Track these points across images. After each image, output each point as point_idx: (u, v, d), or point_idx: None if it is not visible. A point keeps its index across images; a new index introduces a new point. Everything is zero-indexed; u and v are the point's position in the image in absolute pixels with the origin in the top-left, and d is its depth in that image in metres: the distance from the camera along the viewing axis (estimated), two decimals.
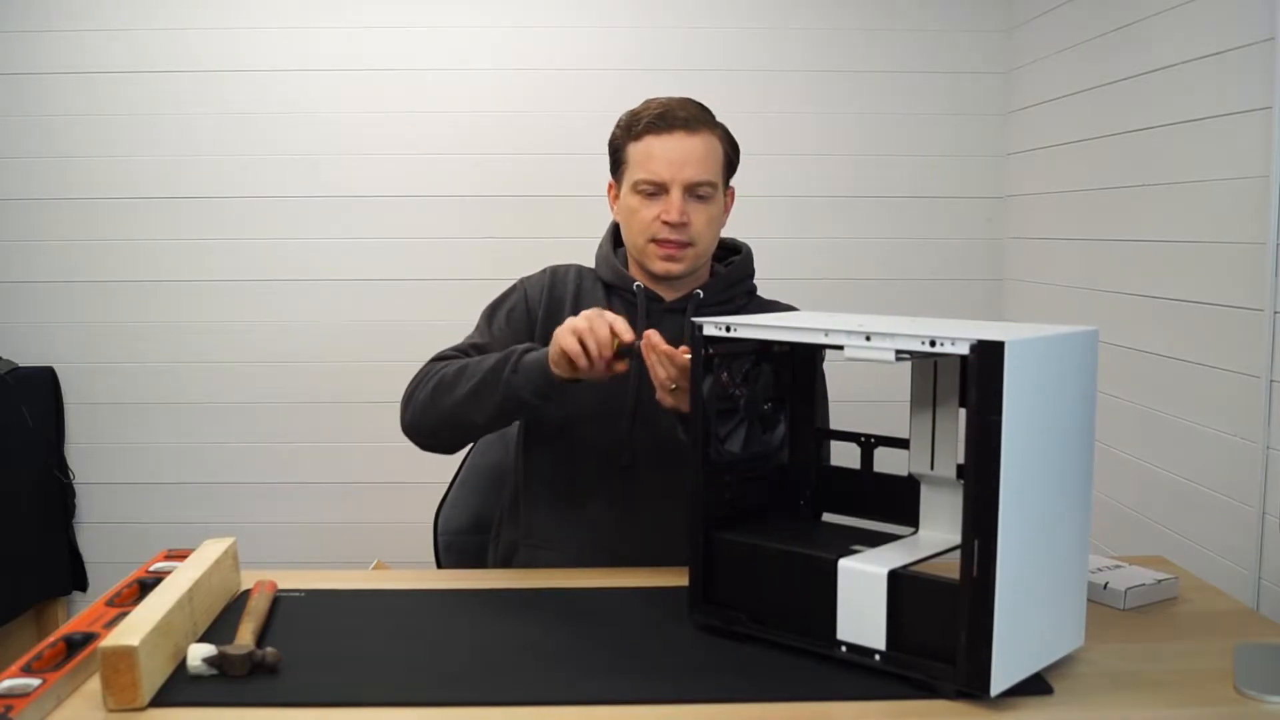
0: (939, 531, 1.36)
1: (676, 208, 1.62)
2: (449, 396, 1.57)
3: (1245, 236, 2.00)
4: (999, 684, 1.12)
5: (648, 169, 1.64)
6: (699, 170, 1.64)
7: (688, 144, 1.64)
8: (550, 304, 1.73)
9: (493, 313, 1.75)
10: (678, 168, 1.63)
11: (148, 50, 3.04)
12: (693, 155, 1.64)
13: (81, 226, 3.09)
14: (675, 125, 1.64)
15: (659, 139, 1.64)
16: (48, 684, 1.14)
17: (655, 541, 1.63)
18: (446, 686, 1.21)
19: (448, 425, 1.61)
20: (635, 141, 1.66)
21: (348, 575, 1.59)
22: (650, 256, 1.67)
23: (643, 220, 1.65)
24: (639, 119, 1.66)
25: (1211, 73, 2.11)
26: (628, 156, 1.68)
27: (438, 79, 3.07)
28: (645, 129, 1.64)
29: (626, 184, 1.68)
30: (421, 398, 1.61)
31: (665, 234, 1.64)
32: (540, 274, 1.78)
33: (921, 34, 3.11)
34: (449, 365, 1.62)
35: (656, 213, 1.64)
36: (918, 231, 3.17)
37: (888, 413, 1.83)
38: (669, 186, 1.63)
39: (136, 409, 3.15)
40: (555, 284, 1.75)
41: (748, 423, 1.39)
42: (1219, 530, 2.07)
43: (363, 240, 3.11)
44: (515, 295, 1.75)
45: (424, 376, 1.64)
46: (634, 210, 1.67)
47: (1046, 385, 1.15)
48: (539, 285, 1.76)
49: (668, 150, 1.63)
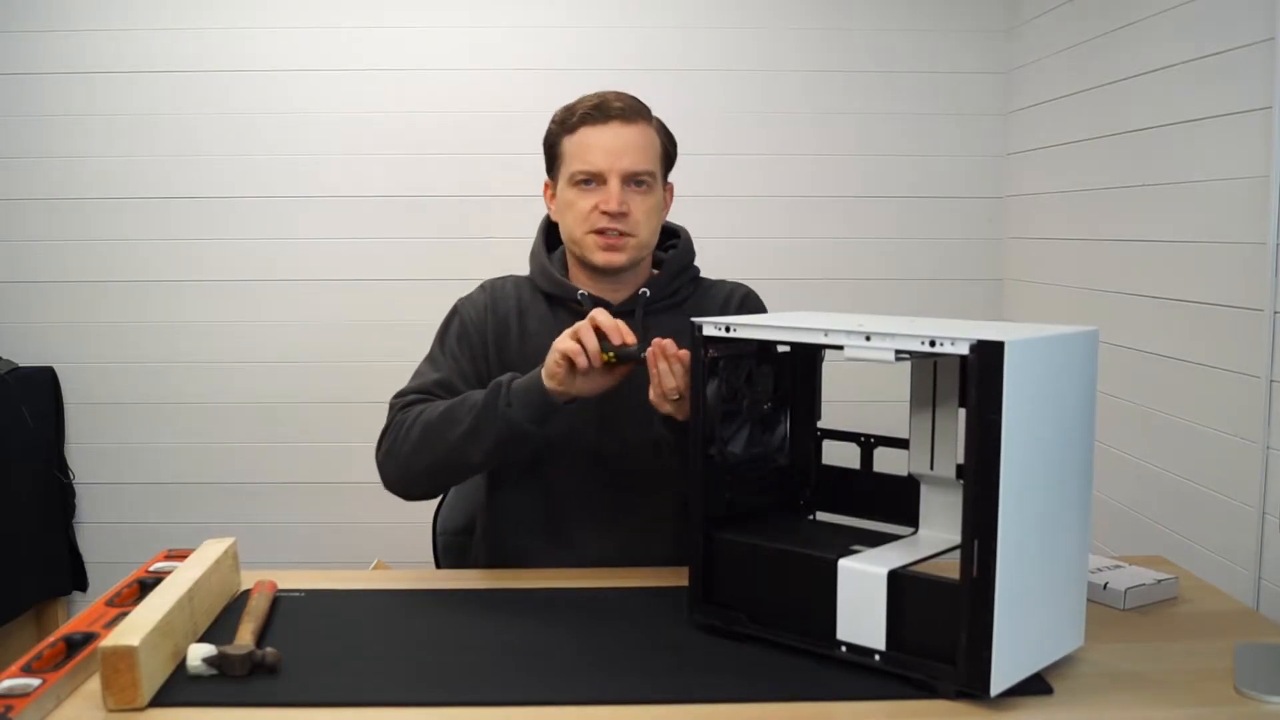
0: (939, 531, 1.36)
1: (615, 197, 1.59)
2: (440, 441, 1.52)
3: (1245, 236, 2.00)
4: (999, 684, 1.12)
5: (584, 160, 1.61)
6: (636, 159, 1.61)
7: (624, 134, 1.61)
8: (496, 324, 1.68)
9: (441, 343, 1.70)
10: (615, 157, 1.60)
11: (147, 51, 3.04)
12: (630, 145, 1.61)
13: (81, 227, 3.09)
14: (611, 115, 1.61)
15: (595, 130, 1.61)
16: (48, 684, 1.14)
17: (637, 547, 1.62)
18: (446, 686, 1.21)
19: (442, 470, 1.57)
20: (570, 135, 1.63)
21: (348, 575, 1.59)
22: (590, 248, 1.62)
23: (580, 212, 1.62)
24: (573, 112, 1.64)
25: (1211, 73, 2.11)
26: (563, 150, 1.64)
27: (437, 79, 3.07)
28: (580, 121, 1.62)
29: (563, 178, 1.64)
30: (406, 449, 1.55)
31: (605, 224, 1.60)
32: (477, 292, 1.74)
33: (921, 34, 3.11)
34: (426, 410, 1.56)
35: (594, 203, 1.60)
36: (918, 231, 3.17)
37: (888, 413, 1.83)
38: (606, 176, 1.60)
39: (136, 409, 3.15)
40: (496, 302, 1.70)
41: (749, 424, 1.39)
42: (1219, 530, 2.07)
43: (363, 240, 3.11)
44: (456, 320, 1.71)
45: (399, 426, 1.57)
46: (571, 203, 1.63)
47: (1046, 385, 1.15)
48: (479, 305, 1.71)
49: (604, 140, 1.60)
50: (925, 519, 1.38)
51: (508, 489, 1.70)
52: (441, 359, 1.67)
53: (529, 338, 1.67)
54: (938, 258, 3.18)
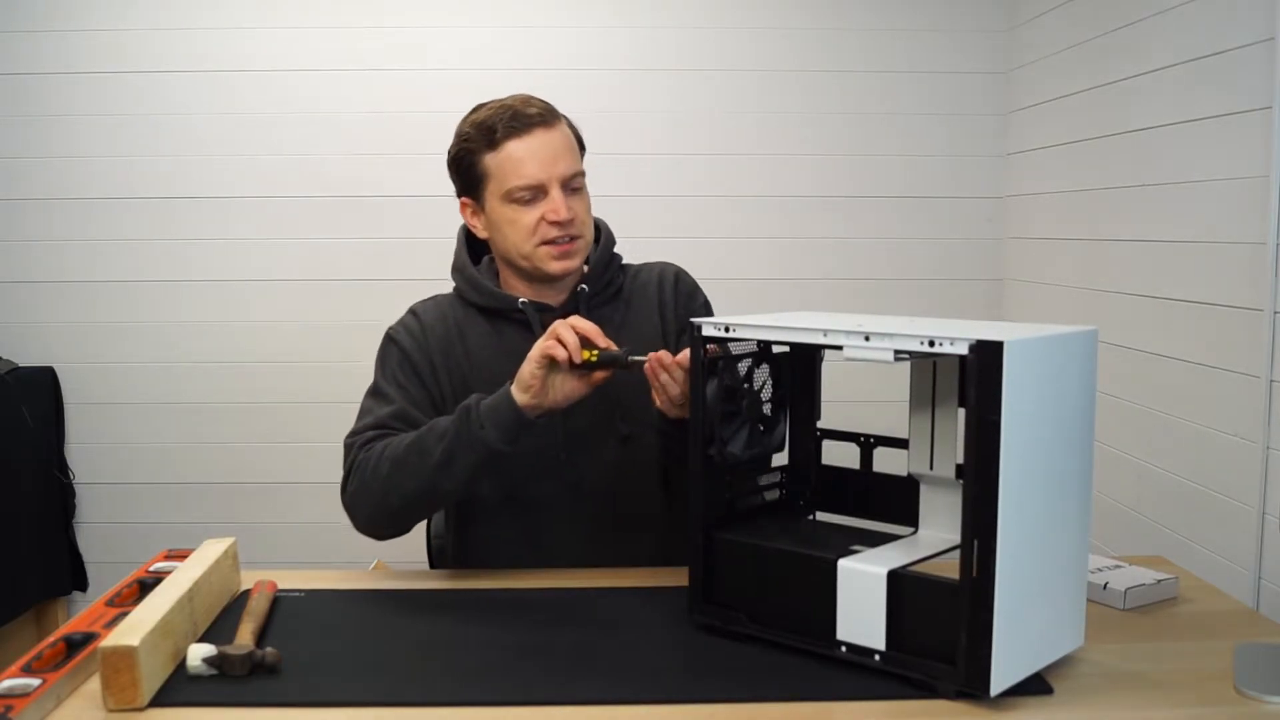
0: (938, 531, 1.36)
1: (562, 205, 1.56)
2: (412, 475, 1.48)
3: (1245, 236, 2.00)
4: (999, 684, 1.12)
5: (520, 174, 1.56)
6: (569, 162, 1.59)
7: (549, 138, 1.58)
8: (437, 344, 1.64)
9: (384, 376, 1.64)
10: (549, 165, 1.57)
11: (147, 51, 3.04)
12: (558, 149, 1.58)
13: (81, 227, 3.09)
14: (532, 123, 1.57)
15: (520, 141, 1.57)
16: (48, 684, 1.14)
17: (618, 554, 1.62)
18: (446, 686, 1.21)
19: (417, 505, 1.54)
20: (494, 150, 1.58)
21: (348, 575, 1.59)
22: (544, 259, 1.59)
23: (526, 227, 1.58)
24: (490, 127, 1.58)
25: (1211, 73, 2.11)
26: (488, 168, 1.59)
27: (437, 79, 3.07)
28: (504, 135, 1.57)
29: (495, 197, 1.59)
30: (376, 486, 1.51)
31: (554, 234, 1.58)
32: (408, 318, 1.69)
33: (921, 34, 3.12)
34: (390, 445, 1.52)
35: (539, 215, 1.57)
36: (918, 231, 3.17)
37: (887, 413, 1.83)
38: (547, 186, 1.57)
39: (136, 409, 3.15)
40: (431, 324, 1.66)
41: (748, 424, 1.39)
42: (1219, 530, 2.07)
43: (363, 240, 3.11)
44: (395, 349, 1.65)
45: (364, 466, 1.53)
46: (512, 220, 1.59)
47: (1046, 385, 1.15)
48: (415, 329, 1.66)
49: (533, 150, 1.57)
50: (925, 519, 1.38)
51: (480, 522, 1.68)
52: (390, 390, 1.62)
53: (473, 355, 1.64)
54: (938, 258, 3.18)
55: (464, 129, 1.63)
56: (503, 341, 1.64)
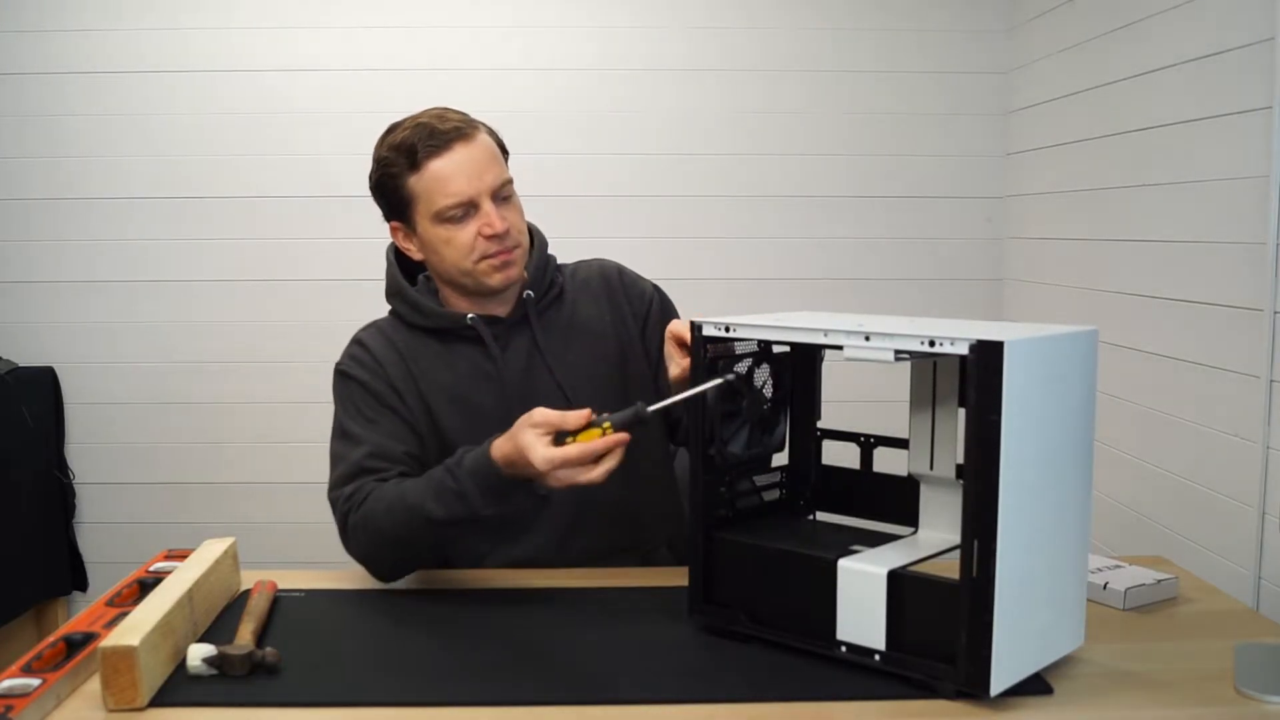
0: (938, 531, 1.36)
1: (496, 218, 1.54)
2: (420, 549, 1.49)
3: (1245, 236, 2.00)
4: (999, 684, 1.12)
5: (447, 193, 1.53)
6: (496, 173, 1.56)
7: (471, 151, 1.54)
8: (392, 369, 1.59)
9: (350, 414, 1.58)
10: (477, 178, 1.54)
11: (147, 51, 3.04)
12: (481, 160, 1.55)
13: (81, 227, 3.09)
14: (450, 139, 1.54)
15: (442, 159, 1.53)
16: (48, 684, 1.14)
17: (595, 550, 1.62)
18: (446, 686, 1.21)
19: (429, 559, 1.56)
20: (416, 172, 1.54)
21: (348, 575, 1.59)
22: (485, 274, 1.57)
23: (463, 245, 1.55)
24: (409, 147, 1.54)
25: (1211, 73, 2.11)
26: (413, 190, 1.55)
27: (437, 79, 3.07)
28: (424, 155, 1.53)
29: (425, 218, 1.56)
30: (387, 558, 1.50)
31: (493, 248, 1.55)
32: (355, 349, 1.64)
33: (921, 34, 3.12)
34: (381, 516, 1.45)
35: (474, 231, 1.54)
36: (918, 231, 3.17)
37: (887, 413, 1.83)
38: (477, 200, 1.54)
39: (136, 409, 3.15)
40: (380, 350, 1.61)
41: (748, 424, 1.39)
42: (1219, 530, 2.07)
43: (362, 240, 3.10)
44: (353, 385, 1.60)
45: (361, 533, 1.48)
46: (448, 240, 1.55)
47: (1046, 385, 1.15)
48: (365, 360, 1.61)
49: (457, 166, 1.53)
50: (925, 519, 1.38)
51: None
52: (358, 430, 1.56)
53: (427, 377, 1.60)
54: (938, 258, 3.18)
55: (382, 153, 1.58)
56: (456, 360, 1.62)
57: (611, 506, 1.63)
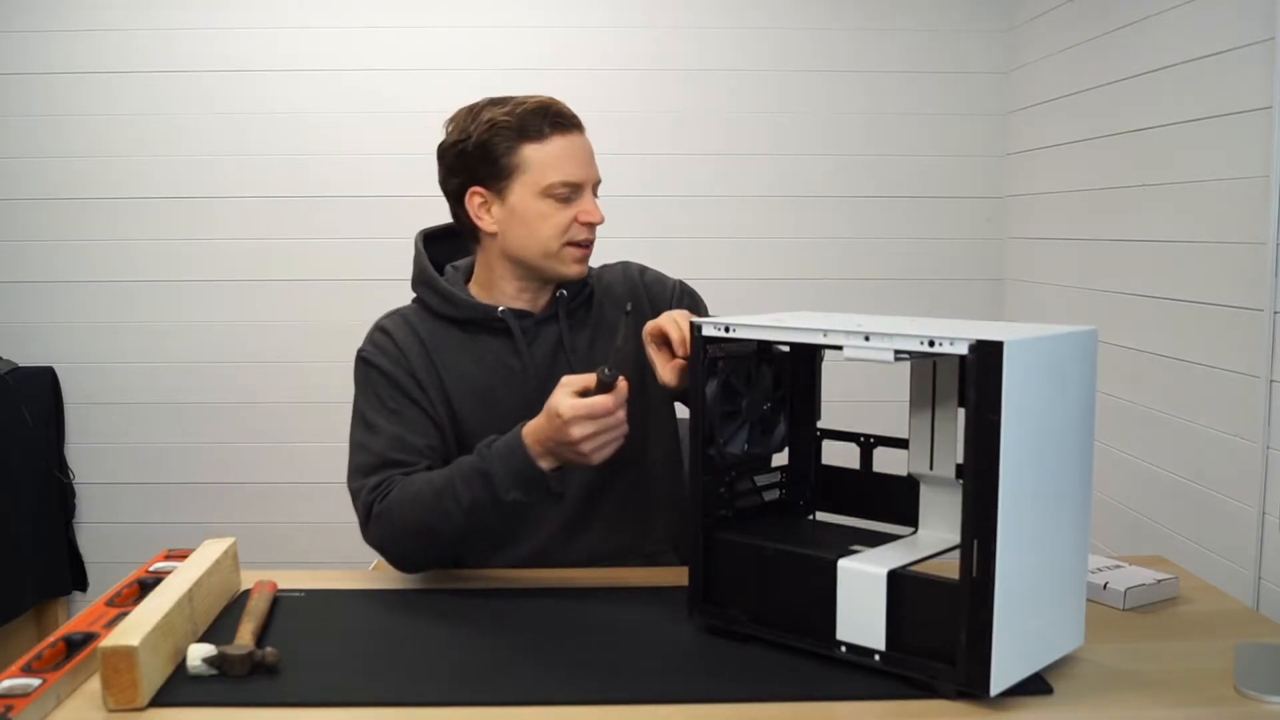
0: (938, 531, 1.36)
1: (596, 209, 1.58)
2: (442, 540, 1.49)
3: (1245, 236, 2.00)
4: (999, 684, 1.12)
5: (563, 171, 1.55)
6: (597, 171, 1.61)
7: (585, 143, 1.59)
8: (415, 358, 1.59)
9: (370, 403, 1.58)
10: (588, 167, 1.58)
11: (147, 51, 3.04)
12: (590, 154, 1.60)
13: (82, 227, 3.09)
14: (574, 125, 1.58)
15: (566, 139, 1.56)
16: (48, 684, 1.14)
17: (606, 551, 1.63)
18: (446, 686, 1.21)
19: (452, 551, 1.59)
20: (537, 142, 1.54)
21: (348, 575, 1.59)
22: (566, 261, 1.58)
23: (558, 225, 1.56)
24: (536, 117, 1.55)
25: (1211, 73, 2.11)
26: (526, 159, 1.55)
27: (437, 79, 3.07)
28: (552, 128, 1.55)
29: (528, 189, 1.55)
30: (409, 550, 1.52)
31: (584, 235, 1.58)
32: (378, 335, 1.62)
33: (921, 34, 3.12)
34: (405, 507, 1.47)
35: (572, 215, 1.56)
36: (918, 231, 3.17)
37: (887, 413, 1.83)
38: (584, 188, 1.57)
39: (136, 409, 3.15)
40: (404, 339, 1.60)
41: (748, 424, 1.39)
42: (1219, 530, 2.07)
43: (362, 240, 3.11)
44: (375, 373, 1.59)
45: (383, 523, 1.49)
46: (545, 215, 1.55)
47: (1045, 385, 1.15)
48: (388, 347, 1.60)
49: (577, 150, 1.57)
50: (925, 519, 1.38)
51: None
52: (379, 420, 1.56)
53: (449, 368, 1.60)
54: (938, 258, 3.18)
55: (496, 116, 1.56)
56: (481, 353, 1.62)
57: (618, 508, 1.64)
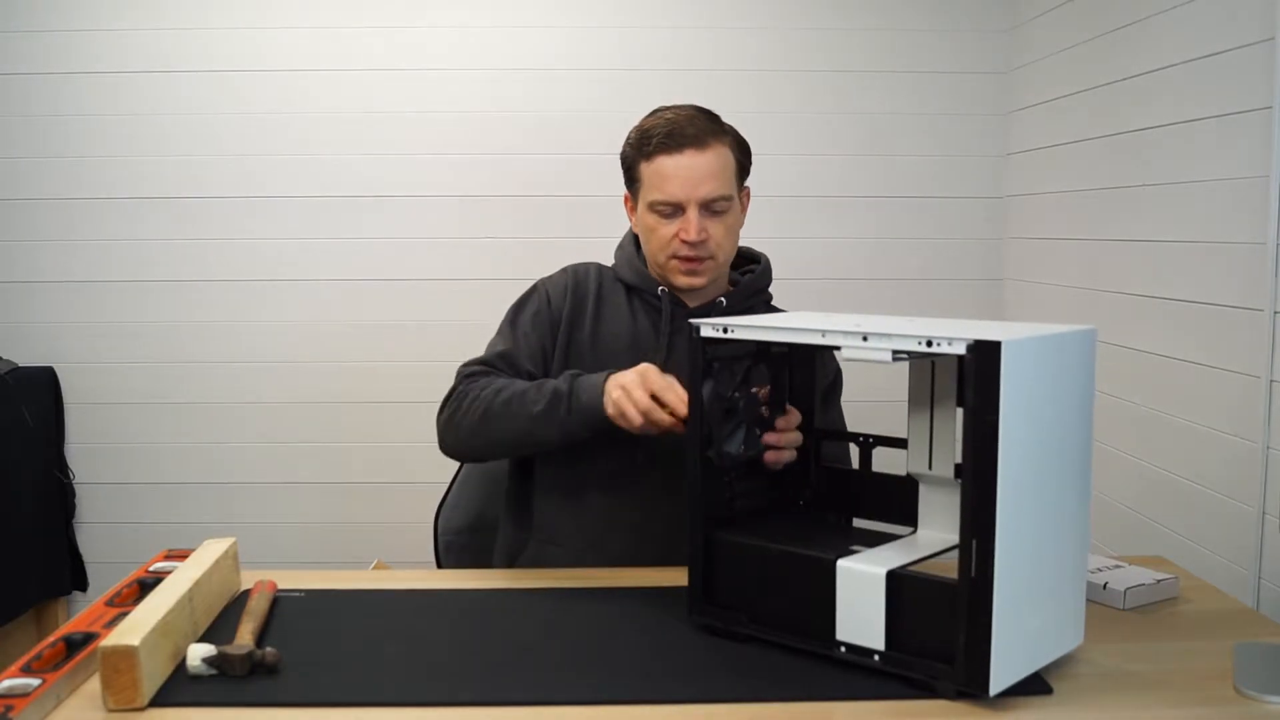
0: (937, 531, 1.36)
1: (694, 227, 1.62)
2: (500, 426, 1.56)
3: (1245, 236, 2.00)
4: (998, 684, 1.13)
5: (662, 190, 1.63)
6: (712, 187, 1.63)
7: (698, 161, 1.62)
8: (573, 305, 1.72)
9: (515, 317, 1.73)
10: (691, 187, 1.62)
11: (147, 51, 3.04)
12: (705, 172, 1.62)
13: (82, 226, 3.09)
14: (685, 143, 1.62)
15: (670, 158, 1.62)
16: (48, 684, 1.14)
17: (662, 538, 1.63)
18: (446, 686, 1.21)
19: (505, 448, 1.63)
20: (647, 161, 1.65)
21: (348, 575, 1.59)
22: (672, 272, 1.68)
23: (661, 239, 1.66)
24: (649, 137, 1.64)
25: (1211, 73, 2.11)
26: (641, 175, 1.67)
27: (437, 79, 3.07)
28: (656, 148, 1.63)
29: (642, 202, 1.68)
30: (468, 424, 1.59)
31: (685, 251, 1.65)
32: (560, 274, 1.77)
33: (921, 34, 3.12)
34: (490, 387, 1.59)
35: (674, 231, 1.64)
36: (918, 231, 3.17)
37: (886, 413, 1.83)
38: (685, 206, 1.63)
39: (136, 409, 3.15)
40: (577, 285, 1.74)
41: (746, 425, 1.39)
42: (1219, 530, 2.07)
43: (362, 240, 3.11)
44: (537, 298, 1.74)
45: (462, 399, 1.61)
46: (652, 229, 1.67)
47: (1044, 385, 1.15)
48: (560, 286, 1.74)
49: (680, 170, 1.62)
50: (924, 519, 1.38)
51: (550, 510, 1.71)
52: (510, 333, 1.71)
53: (602, 322, 1.71)
54: (938, 258, 3.18)
55: (632, 133, 1.69)
56: (634, 318, 1.72)
57: (640, 521, 1.66)
